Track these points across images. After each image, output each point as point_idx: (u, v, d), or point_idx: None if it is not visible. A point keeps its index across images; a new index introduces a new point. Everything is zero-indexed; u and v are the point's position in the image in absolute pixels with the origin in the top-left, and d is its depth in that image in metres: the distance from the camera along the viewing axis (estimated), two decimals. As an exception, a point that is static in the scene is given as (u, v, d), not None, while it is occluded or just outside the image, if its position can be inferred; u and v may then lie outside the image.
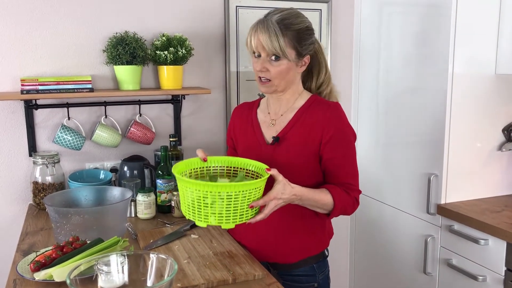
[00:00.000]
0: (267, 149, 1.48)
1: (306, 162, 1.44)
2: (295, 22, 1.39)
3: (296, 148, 1.44)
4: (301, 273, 1.51)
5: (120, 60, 2.00)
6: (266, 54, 1.39)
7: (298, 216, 1.46)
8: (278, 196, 1.27)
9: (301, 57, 1.42)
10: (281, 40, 1.35)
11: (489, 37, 2.00)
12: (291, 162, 1.43)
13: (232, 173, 1.42)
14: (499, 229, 1.74)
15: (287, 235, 1.49)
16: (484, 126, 2.06)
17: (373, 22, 2.43)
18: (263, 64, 1.40)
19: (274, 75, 1.40)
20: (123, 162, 2.08)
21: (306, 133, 1.43)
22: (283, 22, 1.37)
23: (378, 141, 2.43)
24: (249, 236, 1.55)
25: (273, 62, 1.39)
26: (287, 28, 1.37)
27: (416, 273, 2.21)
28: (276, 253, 1.50)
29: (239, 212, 1.24)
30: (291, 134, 1.45)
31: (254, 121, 1.56)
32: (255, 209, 1.28)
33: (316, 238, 1.52)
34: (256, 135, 1.53)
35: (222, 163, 1.43)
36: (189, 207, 1.26)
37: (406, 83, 2.22)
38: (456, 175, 2.04)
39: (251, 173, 1.39)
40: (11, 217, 2.06)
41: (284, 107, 1.51)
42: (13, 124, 2.02)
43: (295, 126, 1.46)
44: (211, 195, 1.21)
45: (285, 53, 1.37)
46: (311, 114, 1.45)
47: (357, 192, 1.47)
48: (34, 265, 1.30)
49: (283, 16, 1.38)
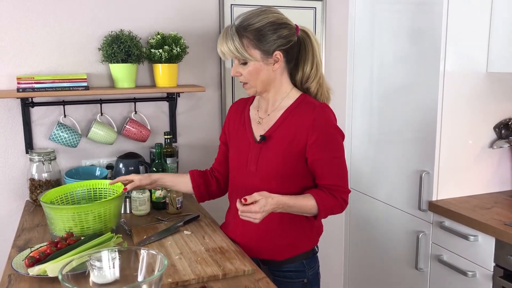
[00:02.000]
0: (254, 147, 1.50)
1: (291, 162, 1.45)
2: (255, 21, 1.39)
3: (282, 148, 1.45)
4: (291, 269, 1.54)
5: (115, 58, 2.02)
6: (236, 59, 1.44)
7: (287, 215, 1.48)
8: (261, 209, 1.31)
9: (269, 54, 1.41)
10: (238, 43, 1.38)
11: (481, 35, 2.01)
12: (277, 161, 1.45)
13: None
14: (488, 226, 1.77)
15: (277, 232, 1.51)
16: (475, 123, 2.08)
17: (367, 19, 2.45)
18: (236, 69, 1.45)
19: (246, 77, 1.45)
20: (119, 159, 2.11)
21: (291, 133, 1.45)
22: (242, 24, 1.39)
23: (370, 138, 2.45)
24: (241, 232, 1.57)
25: (242, 65, 1.44)
26: (245, 30, 1.39)
27: (408, 268, 2.24)
28: (266, 250, 1.53)
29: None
30: (277, 133, 1.47)
31: (246, 117, 1.58)
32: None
33: (305, 236, 1.54)
34: (247, 132, 1.55)
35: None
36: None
37: (398, 80, 2.24)
38: (447, 172, 2.07)
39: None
40: (8, 214, 2.09)
41: (271, 106, 1.52)
42: (9, 121, 2.05)
43: (281, 126, 1.47)
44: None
45: (245, 56, 1.40)
46: (297, 115, 1.46)
47: (345, 193, 1.48)
48: (28, 261, 1.32)
49: (244, 18, 1.41)
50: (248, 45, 1.39)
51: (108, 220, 1.58)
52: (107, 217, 1.57)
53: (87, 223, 1.53)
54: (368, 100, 2.47)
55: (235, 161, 1.59)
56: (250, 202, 1.32)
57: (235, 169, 1.59)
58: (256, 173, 1.49)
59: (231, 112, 1.66)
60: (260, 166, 1.48)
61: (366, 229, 2.56)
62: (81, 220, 1.52)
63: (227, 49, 1.41)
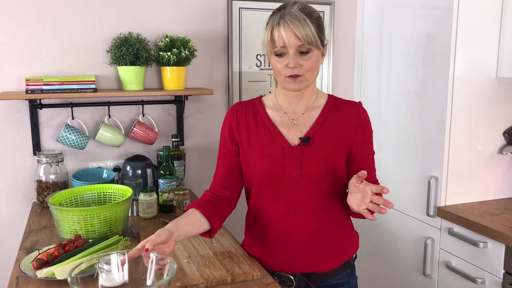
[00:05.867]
0: (294, 151, 1.36)
1: (339, 162, 1.38)
2: (313, 10, 1.31)
3: (329, 148, 1.36)
4: (338, 281, 1.46)
5: (123, 61, 2.02)
6: (295, 48, 1.26)
7: (326, 219, 1.40)
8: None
9: (323, 45, 1.33)
10: (312, 27, 1.26)
11: (491, 40, 2.00)
12: (326, 162, 1.36)
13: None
14: (498, 232, 1.75)
15: (320, 240, 1.41)
16: (484, 129, 2.07)
17: (375, 24, 2.44)
18: (296, 60, 1.27)
19: (307, 68, 1.29)
20: (126, 161, 2.10)
21: (338, 131, 1.38)
22: (305, 11, 1.28)
23: (379, 143, 2.44)
24: (277, 248, 1.42)
25: (303, 55, 1.28)
26: (310, 16, 1.28)
27: (415, 275, 2.22)
28: (311, 262, 1.42)
29: None
30: (321, 133, 1.37)
31: (266, 121, 1.41)
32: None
33: (347, 240, 1.47)
34: (275, 136, 1.39)
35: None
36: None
37: (407, 85, 2.23)
38: (456, 178, 2.05)
39: None
40: (15, 215, 2.09)
41: (304, 105, 1.40)
42: (17, 123, 2.05)
43: (324, 125, 1.38)
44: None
45: (317, 41, 1.27)
46: (340, 113, 1.40)
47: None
48: (36, 263, 1.32)
49: (302, 6, 1.29)
50: (316, 32, 1.28)
51: (114, 224, 1.57)
52: (113, 221, 1.57)
53: (93, 226, 1.52)
54: (376, 105, 2.46)
55: (265, 169, 1.38)
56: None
57: (266, 178, 1.39)
58: (302, 178, 1.35)
59: (235, 116, 1.43)
60: (306, 170, 1.35)
61: (374, 234, 2.55)
62: (87, 223, 1.52)
63: (303, 30, 1.24)
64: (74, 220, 1.51)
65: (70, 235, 1.50)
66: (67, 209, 1.54)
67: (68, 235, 1.52)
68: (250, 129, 1.42)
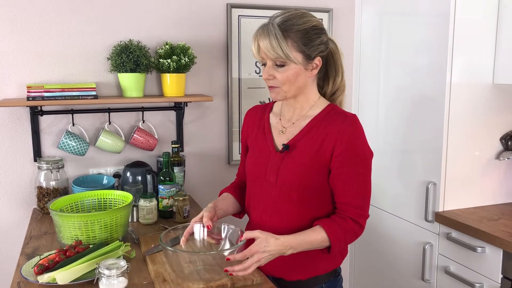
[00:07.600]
0: (275, 157, 1.40)
1: (315, 174, 1.35)
2: (299, 23, 1.29)
3: (306, 158, 1.35)
4: None
5: (124, 68, 2.04)
6: (271, 60, 1.31)
7: (298, 228, 1.37)
8: (261, 249, 1.23)
9: (310, 59, 1.32)
10: (283, 43, 1.26)
11: (487, 47, 2.02)
12: (300, 171, 1.36)
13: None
14: (495, 237, 1.77)
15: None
16: (482, 135, 2.08)
17: (373, 31, 2.46)
18: (269, 72, 1.32)
19: (281, 81, 1.32)
20: (126, 168, 2.12)
21: (318, 143, 1.35)
22: (286, 23, 1.28)
23: (377, 149, 2.46)
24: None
25: (279, 68, 1.31)
26: (289, 30, 1.28)
27: (414, 280, 2.23)
28: (279, 267, 1.42)
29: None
30: (302, 143, 1.37)
31: (266, 124, 1.48)
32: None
33: (323, 257, 1.41)
34: (267, 140, 1.45)
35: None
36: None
37: (405, 91, 2.25)
38: (454, 183, 2.07)
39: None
40: (16, 221, 2.10)
41: (297, 114, 1.43)
42: (18, 129, 2.06)
43: (307, 135, 1.38)
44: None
45: (289, 57, 1.28)
46: (326, 124, 1.37)
47: (363, 217, 1.36)
48: (37, 268, 1.33)
49: (286, 18, 1.29)
50: (292, 46, 1.28)
51: (114, 230, 1.58)
52: (114, 227, 1.58)
53: (93, 232, 1.53)
54: (374, 111, 2.48)
55: (252, 171, 1.47)
56: (248, 237, 1.23)
57: (252, 180, 1.48)
58: (276, 184, 1.38)
59: (247, 119, 1.57)
60: (281, 177, 1.38)
61: (372, 239, 2.56)
62: (88, 229, 1.53)
63: (270, 47, 1.27)
64: (75, 226, 1.52)
65: (71, 240, 1.51)
66: (68, 215, 1.55)
67: (69, 240, 1.52)
68: (254, 131, 1.52)
